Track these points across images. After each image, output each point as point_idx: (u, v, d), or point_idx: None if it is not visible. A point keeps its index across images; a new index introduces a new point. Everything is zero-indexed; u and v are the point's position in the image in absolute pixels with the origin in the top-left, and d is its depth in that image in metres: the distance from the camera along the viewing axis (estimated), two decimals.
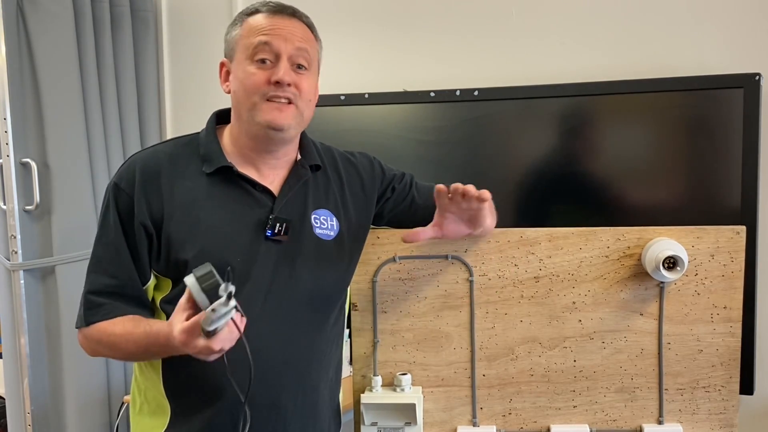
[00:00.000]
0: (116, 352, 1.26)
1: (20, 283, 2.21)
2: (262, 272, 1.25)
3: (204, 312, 1.02)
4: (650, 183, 1.98)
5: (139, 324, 1.21)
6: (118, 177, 1.26)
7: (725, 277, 1.40)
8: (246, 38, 1.25)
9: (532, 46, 2.17)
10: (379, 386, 1.46)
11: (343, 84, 2.26)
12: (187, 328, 1.05)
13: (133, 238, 1.23)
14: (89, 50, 2.34)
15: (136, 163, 1.26)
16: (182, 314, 1.08)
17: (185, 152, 1.29)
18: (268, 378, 1.25)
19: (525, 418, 1.47)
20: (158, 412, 1.29)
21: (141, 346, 1.21)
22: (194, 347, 1.06)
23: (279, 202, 1.28)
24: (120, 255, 1.24)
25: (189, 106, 2.62)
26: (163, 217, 1.23)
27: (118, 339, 1.22)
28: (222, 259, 1.22)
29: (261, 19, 1.25)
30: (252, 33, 1.25)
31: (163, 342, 1.14)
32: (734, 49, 1.97)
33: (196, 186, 1.26)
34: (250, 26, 1.26)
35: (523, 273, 1.45)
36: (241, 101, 1.25)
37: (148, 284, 1.27)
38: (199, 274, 1.04)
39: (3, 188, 2.19)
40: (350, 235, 1.36)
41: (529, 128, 2.08)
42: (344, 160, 1.42)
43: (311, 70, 1.28)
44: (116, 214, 1.24)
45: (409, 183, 1.48)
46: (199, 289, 1.03)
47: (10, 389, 2.30)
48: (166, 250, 1.23)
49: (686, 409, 1.44)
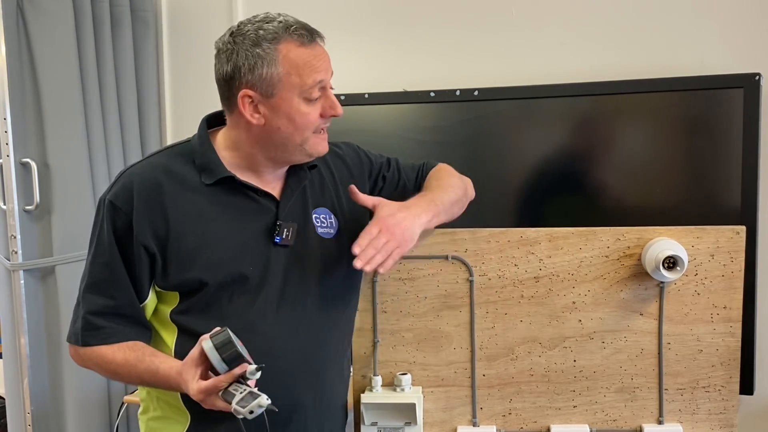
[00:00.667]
0: (113, 376, 1.27)
1: (20, 283, 2.21)
2: (274, 278, 1.25)
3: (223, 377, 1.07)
4: (650, 183, 1.98)
5: (142, 358, 1.20)
6: (113, 195, 1.22)
7: (725, 277, 1.40)
8: (295, 77, 1.19)
9: (532, 46, 2.17)
10: (379, 386, 1.46)
11: (343, 84, 2.25)
12: (205, 390, 1.08)
13: (131, 258, 1.21)
14: (89, 50, 2.34)
15: (133, 179, 1.22)
16: (195, 370, 1.10)
17: (180, 163, 1.26)
18: (287, 380, 1.25)
19: (525, 418, 1.47)
20: (175, 419, 1.28)
21: (144, 380, 1.22)
22: (212, 406, 1.09)
23: (283, 207, 1.28)
24: (116, 276, 1.22)
25: (189, 106, 2.62)
26: (168, 234, 1.21)
27: (118, 368, 1.22)
28: (235, 270, 1.22)
29: (304, 54, 1.19)
30: (301, 71, 1.19)
31: (173, 385, 1.17)
32: (734, 49, 1.97)
33: (199, 198, 1.24)
34: (294, 64, 1.18)
35: (523, 273, 1.44)
36: (289, 137, 1.22)
37: (146, 302, 1.25)
38: (218, 343, 1.06)
39: (3, 188, 2.19)
40: (348, 230, 1.36)
41: (529, 128, 2.08)
42: (332, 154, 1.40)
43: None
44: (112, 234, 1.21)
45: (396, 168, 1.48)
46: (218, 358, 1.06)
47: (10, 389, 2.30)
48: (176, 267, 1.21)
49: (686, 409, 1.44)
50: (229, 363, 1.06)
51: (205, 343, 1.07)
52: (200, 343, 1.08)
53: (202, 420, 1.25)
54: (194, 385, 1.08)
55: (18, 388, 2.26)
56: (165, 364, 1.18)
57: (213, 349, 1.06)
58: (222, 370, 1.06)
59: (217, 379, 1.07)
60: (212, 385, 1.07)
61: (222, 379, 1.06)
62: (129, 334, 1.23)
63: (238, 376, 1.07)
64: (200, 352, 1.08)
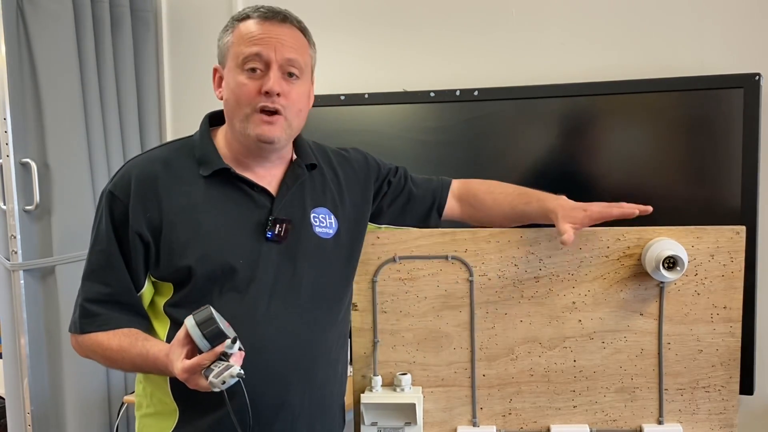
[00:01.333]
0: (110, 363, 1.28)
1: (20, 283, 2.21)
2: (265, 273, 1.26)
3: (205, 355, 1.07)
4: (650, 183, 1.98)
5: (135, 342, 1.22)
6: (113, 185, 1.26)
7: (725, 277, 1.40)
8: (237, 46, 1.24)
9: (532, 46, 2.17)
10: (379, 386, 1.46)
11: (343, 84, 2.26)
12: (188, 367, 1.08)
13: (127, 246, 1.23)
14: (89, 50, 2.34)
15: (132, 171, 1.25)
16: (181, 349, 1.10)
17: (180, 156, 1.29)
18: (275, 378, 1.25)
19: (525, 418, 1.47)
20: (165, 414, 1.29)
21: (136, 365, 1.23)
22: (195, 385, 1.09)
23: (278, 203, 1.29)
24: (113, 263, 1.24)
25: (189, 106, 2.62)
26: (161, 224, 1.23)
27: (113, 354, 1.24)
28: (224, 261, 1.23)
29: (252, 26, 1.24)
30: (242, 41, 1.23)
31: (162, 368, 1.17)
32: (734, 49, 1.97)
33: (194, 190, 1.26)
34: (240, 33, 1.24)
35: (523, 273, 1.44)
36: (233, 111, 1.25)
37: (143, 291, 1.27)
38: (200, 319, 1.07)
39: (3, 188, 2.19)
40: (349, 231, 1.37)
41: (528, 128, 2.08)
42: (338, 157, 1.42)
43: (303, 78, 1.27)
44: (110, 222, 1.24)
45: (404, 176, 1.49)
46: (199, 334, 1.07)
47: (10, 389, 2.30)
48: (167, 257, 1.23)
49: (686, 409, 1.44)
50: (211, 340, 1.06)
51: (188, 320, 1.08)
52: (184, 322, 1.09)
53: (190, 414, 1.26)
54: (179, 365, 1.09)
55: (18, 388, 2.26)
56: (155, 348, 1.19)
57: (195, 326, 1.07)
58: (204, 347, 1.07)
59: (199, 357, 1.07)
60: (195, 363, 1.07)
61: (205, 356, 1.07)
62: (125, 321, 1.25)
63: (221, 354, 1.07)
64: (185, 333, 1.09)
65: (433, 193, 1.49)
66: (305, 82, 1.29)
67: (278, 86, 1.21)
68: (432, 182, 1.51)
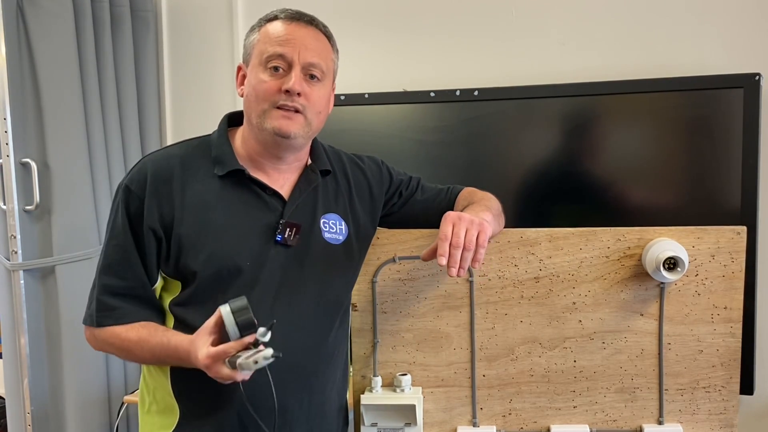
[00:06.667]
0: (127, 355, 1.28)
1: (20, 283, 2.21)
2: (271, 276, 1.26)
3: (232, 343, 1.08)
4: (650, 183, 1.98)
5: (155, 333, 1.23)
6: (129, 179, 1.27)
7: (725, 278, 1.40)
8: (262, 44, 1.25)
9: (532, 46, 2.17)
10: (379, 387, 1.46)
11: (343, 84, 2.25)
12: (214, 354, 1.09)
13: (142, 240, 1.24)
14: (89, 50, 2.33)
15: (148, 166, 1.27)
16: (208, 337, 1.12)
17: (197, 154, 1.30)
18: (274, 382, 1.25)
19: (525, 418, 1.47)
20: (167, 413, 1.29)
21: (156, 355, 1.24)
22: (216, 372, 1.10)
23: (289, 207, 1.29)
24: (129, 257, 1.25)
25: (189, 107, 2.62)
26: (173, 220, 1.23)
27: (131, 345, 1.25)
28: (231, 261, 1.24)
29: (278, 27, 1.25)
30: (268, 40, 1.25)
31: (183, 357, 1.17)
32: (734, 49, 1.97)
33: (208, 189, 1.26)
34: (267, 33, 1.26)
35: (523, 273, 1.44)
36: (252, 106, 1.26)
37: (156, 285, 1.28)
38: (235, 306, 1.09)
39: (3, 188, 2.19)
40: (358, 239, 1.37)
41: (528, 128, 2.08)
42: (352, 164, 1.43)
43: (324, 82, 1.28)
44: (125, 217, 1.25)
45: (416, 186, 1.49)
46: (233, 321, 1.08)
47: (10, 389, 2.30)
48: (176, 253, 1.24)
49: (686, 410, 1.44)
50: (242, 329, 1.08)
51: (223, 307, 1.10)
52: (218, 310, 1.11)
53: (191, 413, 1.27)
54: (204, 351, 1.10)
55: (18, 388, 2.26)
56: (177, 337, 1.21)
57: (230, 313, 1.08)
58: (234, 335, 1.08)
59: (227, 345, 1.09)
60: (222, 350, 1.09)
61: (232, 345, 1.08)
62: (142, 314, 1.26)
63: (248, 344, 1.09)
64: (215, 321, 1.11)
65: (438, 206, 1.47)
66: (326, 86, 1.29)
67: (299, 86, 1.22)
68: (440, 194, 1.49)
